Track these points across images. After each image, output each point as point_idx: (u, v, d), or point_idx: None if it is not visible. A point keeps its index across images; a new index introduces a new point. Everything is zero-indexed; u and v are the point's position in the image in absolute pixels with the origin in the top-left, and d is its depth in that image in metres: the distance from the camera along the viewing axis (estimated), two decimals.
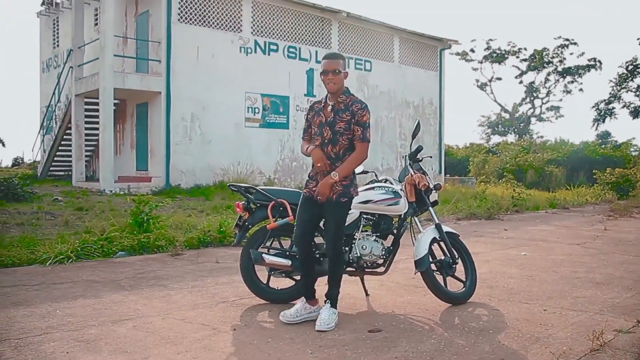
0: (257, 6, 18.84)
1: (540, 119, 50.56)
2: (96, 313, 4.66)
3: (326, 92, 4.45)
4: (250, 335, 4.12)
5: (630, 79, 39.39)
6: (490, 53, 48.30)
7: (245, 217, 5.12)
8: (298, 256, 4.57)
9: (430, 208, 5.18)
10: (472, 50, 48.34)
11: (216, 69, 17.73)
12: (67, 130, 19.25)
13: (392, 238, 5.10)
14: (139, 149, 18.67)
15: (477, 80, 50.31)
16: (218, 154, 17.88)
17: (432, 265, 5.03)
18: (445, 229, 5.17)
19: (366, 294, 5.33)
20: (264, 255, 4.85)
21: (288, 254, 4.91)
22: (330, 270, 4.45)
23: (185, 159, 17.30)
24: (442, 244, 5.15)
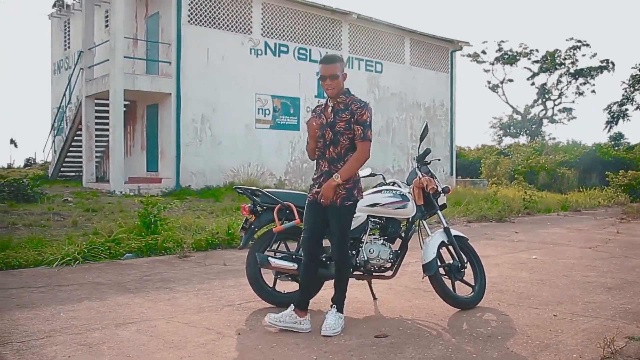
0: (267, 8, 18.82)
1: (552, 121, 50.26)
2: (100, 316, 4.63)
3: None
4: (255, 340, 4.07)
5: None
6: (501, 55, 48.04)
7: (251, 220, 5.08)
8: (303, 259, 4.48)
9: (438, 211, 5.11)
10: (484, 52, 48.14)
11: (226, 70, 17.72)
12: (78, 132, 19.32)
13: (400, 242, 5.04)
14: (149, 150, 18.70)
15: (489, 82, 50.11)
16: (228, 155, 17.87)
17: (441, 269, 4.96)
18: (453, 232, 5.10)
19: (374, 298, 5.26)
20: (270, 258, 4.80)
21: (294, 257, 4.86)
22: (337, 274, 4.38)
23: (195, 160, 17.30)
24: (451, 247, 5.08)
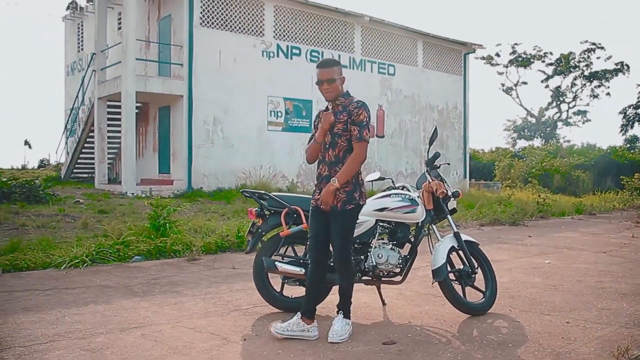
0: (279, 10, 18.78)
1: (566, 124, 49.84)
2: (105, 320, 4.58)
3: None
4: (261, 346, 4.00)
5: None
6: (515, 57, 47.71)
7: (258, 224, 5.02)
8: (309, 265, 4.38)
9: (448, 216, 5.02)
10: (498, 55, 47.82)
11: (238, 72, 17.69)
12: (90, 133, 19.37)
13: (409, 247, 4.95)
14: (161, 152, 18.71)
15: (503, 85, 49.76)
16: (240, 157, 17.83)
17: (451, 274, 4.87)
18: (464, 237, 5.00)
19: (383, 304, 5.18)
20: (277, 263, 4.74)
21: (302, 261, 4.79)
22: (340, 281, 4.30)
23: (207, 162, 17.27)
24: (461, 252, 4.98)
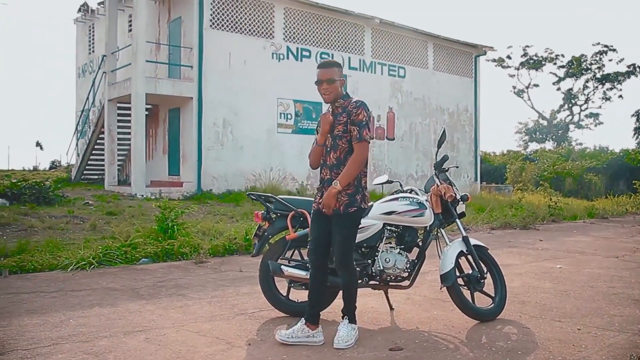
0: (289, 13, 18.75)
1: (578, 126, 49.54)
2: (109, 323, 4.55)
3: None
4: (265, 351, 3.94)
5: None
6: (527, 59, 47.51)
7: (264, 227, 4.97)
8: (310, 270, 4.32)
9: (457, 220, 4.94)
10: (509, 57, 47.66)
11: (248, 75, 17.68)
12: (101, 135, 19.41)
13: (417, 251, 4.88)
14: (171, 154, 18.72)
15: (514, 87, 49.62)
16: (250, 159, 17.81)
17: (459, 279, 4.80)
18: (473, 241, 4.92)
19: (390, 309, 5.11)
20: (283, 267, 4.69)
21: (308, 265, 4.73)
22: (343, 285, 4.22)
23: (217, 164, 17.26)
24: (470, 257, 4.90)
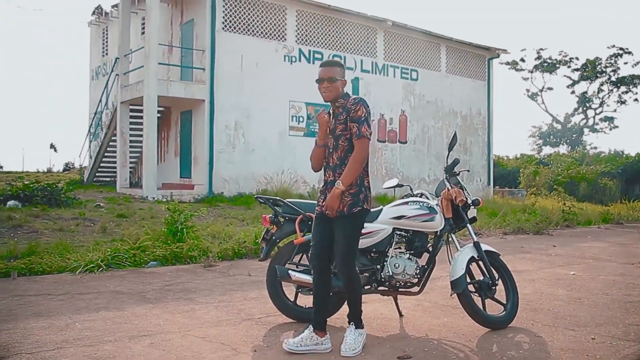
0: (302, 15, 18.73)
1: (593, 130, 49.14)
2: (115, 327, 4.50)
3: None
4: (271, 358, 3.88)
5: None
6: (541, 62, 47.26)
7: (272, 231, 4.91)
8: (312, 277, 4.22)
9: (468, 225, 4.85)
10: (522, 60, 47.44)
11: (260, 77, 17.66)
12: (113, 137, 19.48)
13: (428, 256, 4.79)
14: (182, 156, 18.74)
15: (528, 90, 49.42)
16: (261, 162, 17.79)
17: (470, 286, 4.70)
18: (484, 247, 4.82)
19: (400, 315, 5.02)
20: (291, 271, 4.61)
21: None
22: (347, 290, 4.13)
23: (228, 167, 17.25)
24: (481, 263, 4.81)
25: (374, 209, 4.80)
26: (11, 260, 6.98)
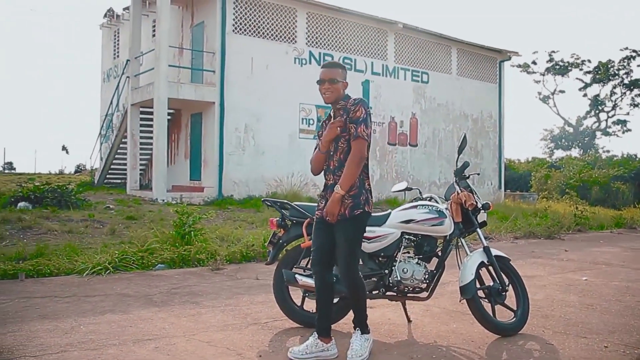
0: (312, 17, 18.69)
1: (605, 133, 48.70)
2: (120, 331, 4.46)
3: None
4: None
5: None
6: (552, 65, 46.94)
7: (279, 234, 4.86)
8: (315, 283, 4.14)
9: (478, 229, 4.77)
10: (534, 62, 47.15)
11: (270, 79, 17.64)
12: (124, 139, 19.52)
13: (437, 261, 4.72)
14: (192, 158, 18.74)
15: (539, 93, 49.05)
16: (271, 165, 17.75)
17: (480, 292, 4.62)
18: (494, 252, 4.74)
19: (408, 321, 4.95)
20: (297, 276, 4.56)
21: None
22: (350, 296, 4.05)
23: (238, 169, 17.23)
24: (491, 268, 4.73)
25: (383, 212, 4.75)
26: (19, 261, 6.99)
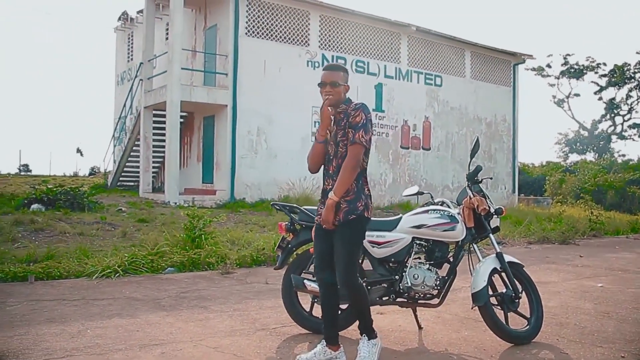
0: (325, 20, 18.64)
1: (621, 137, 48.20)
2: (127, 335, 4.42)
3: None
4: None
5: None
6: (567, 68, 46.55)
7: (289, 239, 4.80)
8: (319, 290, 4.05)
9: (490, 235, 4.68)
10: (549, 66, 46.78)
11: (283, 82, 17.61)
12: (137, 142, 19.57)
13: (448, 267, 4.63)
14: (205, 161, 18.74)
15: (554, 97, 48.65)
16: (284, 168, 17.69)
17: (492, 299, 4.53)
18: (507, 258, 4.65)
19: (419, 328, 4.87)
20: (306, 281, 4.50)
21: None
22: (352, 302, 3.97)
23: (250, 172, 17.20)
24: (504, 275, 4.63)
25: (394, 217, 4.68)
26: (30, 264, 6.99)
